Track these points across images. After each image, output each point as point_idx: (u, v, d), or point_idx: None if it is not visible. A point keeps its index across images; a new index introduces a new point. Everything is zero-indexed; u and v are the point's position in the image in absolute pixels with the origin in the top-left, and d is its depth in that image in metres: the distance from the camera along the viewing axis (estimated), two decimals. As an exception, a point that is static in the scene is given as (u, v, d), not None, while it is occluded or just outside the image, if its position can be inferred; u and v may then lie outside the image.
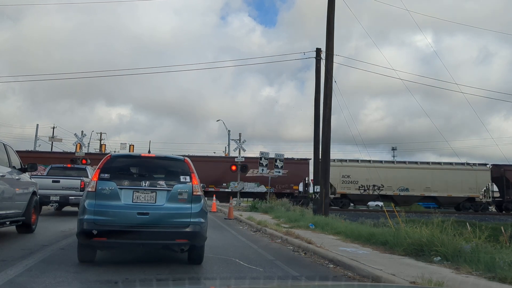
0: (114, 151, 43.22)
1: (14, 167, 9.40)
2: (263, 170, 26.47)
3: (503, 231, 8.89)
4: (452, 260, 7.19)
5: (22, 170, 9.83)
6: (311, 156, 21.72)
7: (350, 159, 35.92)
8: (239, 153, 33.08)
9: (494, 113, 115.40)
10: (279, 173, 26.02)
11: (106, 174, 6.46)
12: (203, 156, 36.12)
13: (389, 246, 8.76)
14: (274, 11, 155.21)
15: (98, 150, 47.27)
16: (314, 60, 21.25)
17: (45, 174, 17.01)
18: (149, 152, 7.97)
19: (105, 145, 49.94)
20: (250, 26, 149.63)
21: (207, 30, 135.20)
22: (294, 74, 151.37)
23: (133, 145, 40.24)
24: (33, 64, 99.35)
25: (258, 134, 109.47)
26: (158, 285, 4.57)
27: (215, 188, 33.24)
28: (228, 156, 37.71)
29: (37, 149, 45.37)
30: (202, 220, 6.50)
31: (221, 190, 33.74)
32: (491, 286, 5.71)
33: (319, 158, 19.57)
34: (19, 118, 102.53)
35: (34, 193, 10.28)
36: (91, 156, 34.25)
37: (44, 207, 15.37)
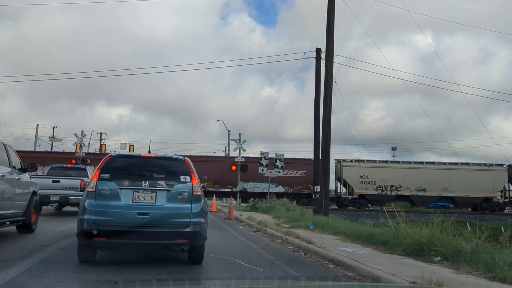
0: (114, 151, 43.23)
1: (14, 167, 9.40)
2: (263, 170, 26.48)
3: (503, 231, 8.89)
4: (452, 260, 7.18)
5: (22, 170, 9.84)
6: (311, 155, 21.75)
7: (368, 160, 35.87)
8: (239, 153, 33.12)
9: (494, 113, 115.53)
10: (279, 173, 26.04)
11: (106, 174, 6.46)
12: (221, 157, 35.83)
13: (389, 246, 8.76)
14: (274, 11, 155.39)
15: (98, 150, 47.24)
16: (314, 60, 21.28)
17: (45, 174, 17.01)
18: (149, 152, 7.97)
19: (105, 145, 49.98)
20: (250, 26, 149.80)
21: (207, 30, 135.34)
22: (294, 74, 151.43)
23: (133, 145, 40.21)
24: (33, 64, 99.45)
25: (258, 134, 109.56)
26: (158, 285, 4.57)
27: (233, 188, 33.07)
28: (245, 157, 37.30)
29: (37, 149, 45.36)
30: (202, 220, 6.51)
31: (234, 190, 33.53)
32: (491, 286, 5.71)
33: (319, 158, 19.58)
34: (19, 118, 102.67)
35: (34, 193, 10.28)
36: (91, 156, 34.23)
37: (44, 207, 15.37)
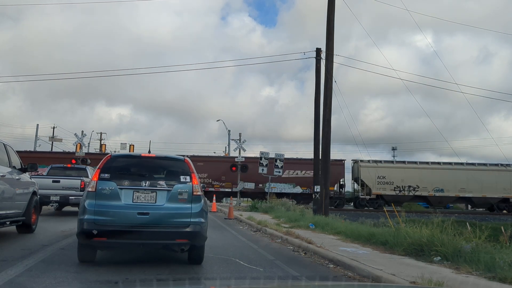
0: (114, 151, 43.24)
1: (14, 167, 9.41)
2: (263, 170, 26.48)
3: (503, 231, 8.90)
4: (452, 260, 7.19)
5: (22, 170, 9.84)
6: (311, 155, 21.74)
7: (385, 160, 36.19)
8: (239, 153, 33.12)
9: (494, 113, 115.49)
10: (279, 173, 26.04)
11: (106, 174, 6.46)
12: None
13: (389, 246, 8.76)
14: (274, 11, 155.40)
15: (98, 150, 47.26)
16: (314, 60, 21.27)
17: (45, 174, 17.00)
18: (149, 152, 7.96)
19: (105, 145, 49.95)
20: (251, 26, 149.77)
21: (208, 31, 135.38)
22: (294, 74, 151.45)
23: (133, 145, 40.13)
24: (33, 64, 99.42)
25: (258, 134, 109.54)
26: (158, 285, 4.57)
27: (252, 188, 32.92)
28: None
29: (37, 149, 45.36)
30: (202, 220, 6.51)
31: (256, 191, 33.32)
32: (491, 286, 5.71)
33: (319, 158, 19.58)
34: (20, 118, 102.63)
35: (34, 193, 10.28)
36: (91, 156, 34.23)
37: (44, 207, 15.37)
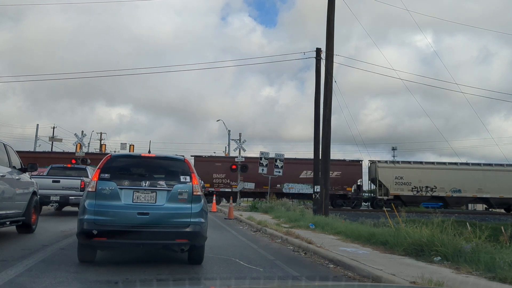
0: (114, 151, 43.24)
1: (14, 167, 9.40)
2: (263, 170, 26.48)
3: (503, 231, 8.90)
4: (452, 260, 7.18)
5: (22, 170, 9.84)
6: (311, 155, 21.72)
7: (403, 161, 36.28)
8: (239, 153, 33.10)
9: (494, 113, 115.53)
10: (279, 173, 26.03)
11: (106, 174, 6.46)
12: (250, 157, 35.30)
13: (389, 246, 8.75)
14: (275, 12, 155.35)
15: (98, 150, 47.26)
16: (314, 60, 21.28)
17: (45, 174, 17.00)
18: (149, 152, 7.97)
19: (105, 145, 49.96)
20: (251, 26, 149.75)
21: (208, 31, 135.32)
22: (294, 74, 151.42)
23: (133, 145, 40.15)
24: (33, 64, 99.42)
25: (258, 134, 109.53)
26: (158, 285, 4.57)
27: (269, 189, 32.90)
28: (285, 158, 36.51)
29: (37, 149, 45.36)
30: (202, 220, 6.51)
31: (274, 191, 33.18)
32: (491, 286, 5.71)
33: (319, 158, 19.58)
34: (20, 118, 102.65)
35: (34, 193, 10.28)
36: (91, 156, 34.21)
37: (44, 207, 15.37)
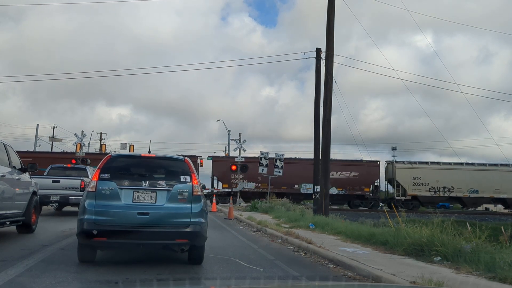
0: (114, 151, 43.22)
1: (14, 167, 9.41)
2: (263, 170, 26.47)
3: (503, 231, 8.91)
4: (452, 260, 7.19)
5: (22, 170, 9.84)
6: (311, 155, 21.73)
7: (420, 161, 36.23)
8: (239, 153, 33.14)
9: (494, 113, 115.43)
10: (279, 173, 26.02)
11: (106, 174, 6.46)
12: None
13: (389, 246, 8.75)
14: (275, 12, 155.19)
15: (98, 150, 47.24)
16: (314, 60, 21.28)
17: (45, 174, 17.01)
18: (149, 152, 7.95)
19: (105, 145, 49.91)
20: (251, 26, 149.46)
21: (208, 31, 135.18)
22: (294, 74, 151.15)
23: (133, 145, 40.09)
24: (34, 64, 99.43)
25: (258, 134, 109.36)
26: (158, 285, 4.56)
27: (287, 189, 32.75)
28: (300, 158, 36.02)
29: (37, 149, 45.36)
30: (202, 220, 6.51)
31: (292, 192, 33.07)
32: (491, 286, 5.71)
33: (319, 158, 19.58)
34: (20, 118, 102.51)
35: (34, 193, 10.28)
36: (91, 156, 34.22)
37: (44, 207, 15.37)
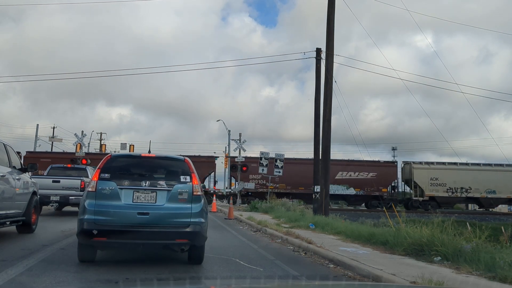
0: (114, 151, 43.23)
1: (14, 167, 9.41)
2: (263, 170, 26.48)
3: (503, 231, 8.91)
4: (452, 260, 7.19)
5: (22, 170, 9.84)
6: (311, 155, 21.72)
7: (437, 162, 36.15)
8: (239, 153, 33.14)
9: (494, 113, 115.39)
10: (279, 173, 26.04)
11: (106, 174, 6.46)
12: (296, 158, 35.04)
13: (389, 246, 8.76)
14: (275, 12, 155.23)
15: (98, 150, 47.26)
16: (314, 60, 21.28)
17: (45, 174, 17.01)
18: (149, 152, 7.95)
19: (105, 145, 49.98)
20: (251, 26, 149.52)
21: (208, 31, 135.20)
22: (294, 74, 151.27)
23: (133, 145, 40.09)
24: (34, 64, 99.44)
25: (258, 134, 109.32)
26: (158, 284, 4.56)
27: (304, 189, 32.59)
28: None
29: (37, 149, 45.35)
30: (202, 220, 6.51)
31: (311, 192, 33.00)
32: (492, 286, 5.71)
33: (319, 158, 19.58)
34: (20, 118, 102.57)
35: (34, 193, 10.28)
36: (91, 156, 34.23)
37: (44, 207, 15.38)
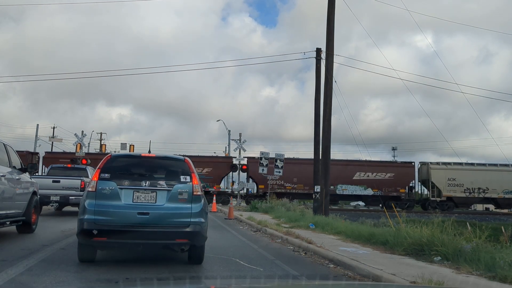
0: (115, 151, 43.22)
1: (14, 167, 9.41)
2: (263, 170, 26.48)
3: (503, 231, 8.91)
4: (452, 260, 7.18)
5: (22, 170, 9.84)
6: (311, 155, 21.72)
7: (455, 162, 36.11)
8: (239, 153, 33.13)
9: (494, 113, 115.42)
10: (279, 173, 26.04)
11: (106, 174, 6.46)
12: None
13: (389, 246, 8.75)
14: (275, 12, 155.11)
15: (98, 150, 47.25)
16: (314, 60, 21.28)
17: (45, 174, 17.01)
18: (149, 152, 7.95)
19: (105, 145, 49.96)
20: (251, 26, 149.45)
21: (208, 31, 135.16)
22: (294, 74, 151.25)
23: (133, 145, 40.06)
24: (34, 64, 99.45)
25: (258, 134, 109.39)
26: (158, 284, 4.56)
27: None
28: (337, 159, 35.22)
29: (37, 149, 45.37)
30: (202, 220, 6.51)
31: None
32: (492, 286, 5.71)
33: (319, 158, 19.58)
34: (20, 118, 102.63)
35: (34, 193, 10.28)
36: (91, 156, 34.24)
37: (44, 207, 15.38)
